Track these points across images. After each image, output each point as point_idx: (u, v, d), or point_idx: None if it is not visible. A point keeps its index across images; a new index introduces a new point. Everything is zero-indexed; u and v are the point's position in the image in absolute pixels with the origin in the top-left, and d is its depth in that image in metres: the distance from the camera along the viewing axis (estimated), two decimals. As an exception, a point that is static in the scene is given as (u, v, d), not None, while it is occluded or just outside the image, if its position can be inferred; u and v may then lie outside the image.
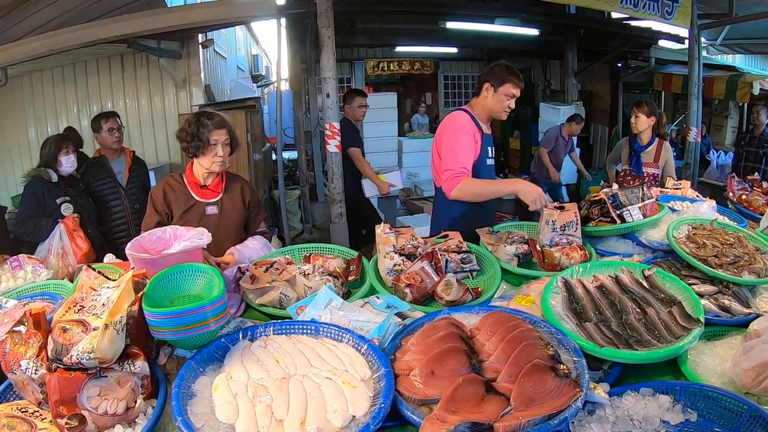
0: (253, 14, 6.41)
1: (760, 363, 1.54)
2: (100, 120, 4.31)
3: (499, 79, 3.12)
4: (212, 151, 2.79)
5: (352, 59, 12.47)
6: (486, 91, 3.17)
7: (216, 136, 2.77)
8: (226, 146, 2.84)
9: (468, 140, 3.09)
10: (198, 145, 2.78)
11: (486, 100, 3.19)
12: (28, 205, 3.67)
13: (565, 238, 2.69)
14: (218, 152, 2.80)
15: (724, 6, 6.98)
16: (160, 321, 1.61)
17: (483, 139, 3.20)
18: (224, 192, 2.97)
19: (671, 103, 11.73)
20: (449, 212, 3.25)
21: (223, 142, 2.81)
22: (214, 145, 2.78)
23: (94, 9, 5.39)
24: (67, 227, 3.68)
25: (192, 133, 2.77)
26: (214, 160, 2.82)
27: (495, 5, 8.88)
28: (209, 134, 2.76)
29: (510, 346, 1.60)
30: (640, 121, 4.62)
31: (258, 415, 1.41)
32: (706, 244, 2.44)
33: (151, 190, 2.91)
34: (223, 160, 2.83)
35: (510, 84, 3.10)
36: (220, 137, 2.79)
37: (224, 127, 2.82)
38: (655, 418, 1.47)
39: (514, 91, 3.12)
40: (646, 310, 1.92)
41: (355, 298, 2.27)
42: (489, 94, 3.16)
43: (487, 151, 3.27)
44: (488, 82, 3.15)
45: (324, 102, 5.36)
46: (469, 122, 3.15)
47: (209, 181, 2.92)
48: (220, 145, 2.79)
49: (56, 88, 6.90)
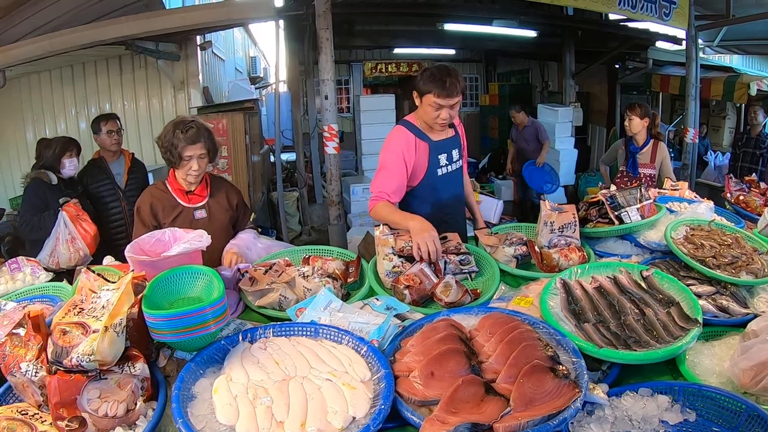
0: (252, 16, 6.42)
1: (758, 363, 1.55)
2: (100, 122, 4.31)
3: (420, 89, 2.81)
4: (186, 166, 2.71)
5: (350, 61, 12.51)
6: (415, 98, 2.88)
7: (189, 151, 2.66)
8: (202, 159, 2.72)
9: (394, 161, 2.86)
10: (170, 158, 2.70)
11: (419, 108, 2.90)
12: (31, 204, 3.67)
13: (563, 240, 2.70)
14: (192, 166, 2.70)
15: (721, 7, 7.00)
16: (160, 323, 1.62)
17: (430, 148, 2.94)
18: (210, 196, 2.91)
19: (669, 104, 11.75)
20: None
21: (198, 156, 2.69)
22: (188, 160, 2.69)
23: (92, 11, 5.39)
24: (69, 213, 3.67)
25: (165, 146, 2.68)
26: (189, 173, 2.73)
27: (493, 7, 8.90)
28: (182, 150, 2.65)
29: (509, 347, 1.61)
30: (634, 123, 4.63)
31: (258, 417, 1.41)
32: (704, 244, 2.45)
33: (137, 202, 2.80)
34: (198, 173, 2.74)
35: (432, 94, 2.73)
36: (195, 152, 2.67)
37: (198, 141, 2.67)
38: (654, 418, 1.48)
39: (440, 101, 2.73)
40: (645, 311, 1.93)
41: (354, 299, 2.28)
42: (417, 102, 2.87)
43: (438, 160, 2.97)
44: (414, 89, 2.86)
45: (322, 104, 5.37)
46: (402, 138, 2.90)
47: (193, 187, 2.85)
48: (194, 159, 2.69)
49: (54, 89, 6.89)
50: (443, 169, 3.01)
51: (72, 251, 3.60)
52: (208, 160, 2.78)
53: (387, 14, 9.45)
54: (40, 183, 3.72)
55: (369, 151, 10.42)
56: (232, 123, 6.20)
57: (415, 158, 2.89)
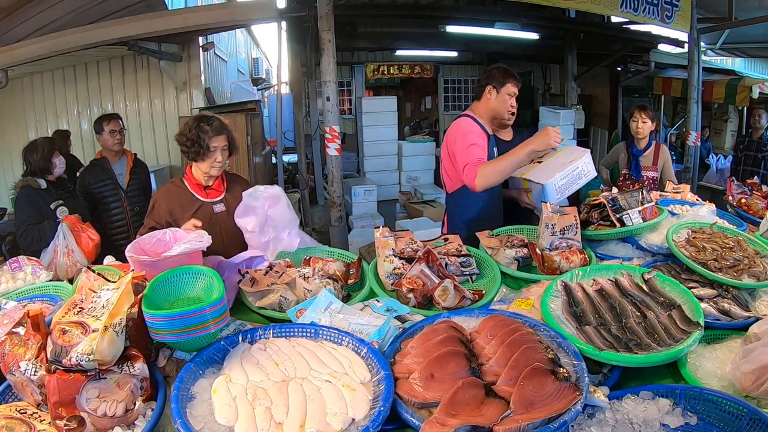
0: (254, 17, 6.44)
1: (759, 366, 1.54)
2: (102, 122, 4.32)
3: (500, 81, 3.21)
4: (211, 157, 2.81)
5: (352, 63, 12.51)
6: (488, 93, 3.24)
7: (215, 142, 2.78)
8: (225, 151, 2.85)
9: (476, 140, 3.13)
10: (198, 150, 2.79)
11: (489, 103, 3.26)
12: (27, 214, 3.63)
13: (564, 242, 2.69)
14: (217, 158, 2.81)
15: (723, 10, 6.99)
16: (160, 323, 1.61)
17: (488, 141, 3.27)
18: (227, 191, 2.99)
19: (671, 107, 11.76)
20: (465, 215, 3.34)
21: (222, 147, 2.82)
22: (213, 151, 2.80)
23: (95, 11, 5.41)
24: (71, 225, 3.67)
25: (192, 139, 2.77)
26: (213, 165, 2.83)
27: (495, 9, 8.90)
28: (209, 141, 2.77)
29: (510, 349, 1.60)
30: (647, 125, 4.62)
31: (257, 418, 1.41)
32: (705, 247, 2.44)
33: (155, 200, 2.86)
34: (221, 165, 2.85)
35: (510, 83, 3.21)
36: (220, 143, 2.80)
37: (223, 133, 2.82)
38: (655, 421, 1.47)
39: (515, 89, 3.24)
40: (646, 314, 1.92)
41: (354, 301, 2.27)
42: (492, 96, 3.24)
43: (493, 152, 3.33)
44: (490, 84, 3.23)
45: (324, 105, 5.37)
46: (475, 125, 3.22)
47: (211, 181, 2.93)
48: (219, 150, 2.81)
49: (57, 89, 6.91)
50: None
51: (69, 264, 3.58)
52: (229, 153, 2.90)
53: (389, 16, 9.46)
54: (29, 190, 3.69)
55: (371, 152, 10.45)
56: (234, 124, 6.12)
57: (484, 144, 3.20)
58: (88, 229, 3.74)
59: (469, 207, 3.30)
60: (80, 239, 3.67)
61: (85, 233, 3.71)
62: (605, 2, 6.34)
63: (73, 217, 3.71)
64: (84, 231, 3.71)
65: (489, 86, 3.23)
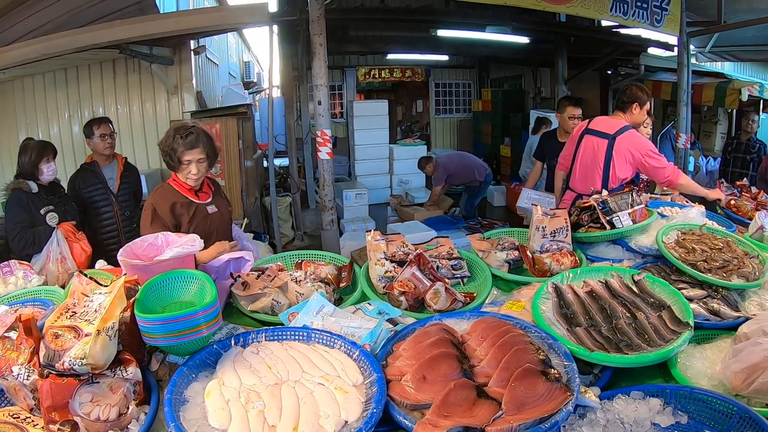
0: (246, 21, 6.43)
1: (749, 365, 1.56)
2: (92, 126, 4.27)
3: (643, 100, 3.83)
4: (185, 170, 2.79)
5: (343, 66, 12.50)
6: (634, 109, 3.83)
7: (188, 156, 2.74)
8: (201, 163, 2.80)
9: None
10: (169, 162, 2.79)
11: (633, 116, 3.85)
12: (18, 218, 3.59)
13: (555, 244, 2.71)
14: (191, 170, 2.78)
15: (713, 14, 7.03)
16: (153, 327, 1.61)
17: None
18: (214, 193, 3.03)
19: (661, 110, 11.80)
20: None
21: (196, 160, 2.77)
22: (187, 165, 2.77)
23: (86, 14, 5.39)
24: (65, 233, 3.65)
25: (165, 150, 2.77)
26: (188, 177, 2.81)
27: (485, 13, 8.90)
28: (181, 155, 2.73)
29: (501, 351, 1.62)
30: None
31: (250, 421, 1.41)
32: (695, 248, 2.46)
33: (153, 204, 2.82)
34: (197, 176, 2.81)
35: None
36: (194, 156, 2.75)
37: (197, 146, 2.75)
38: (646, 421, 1.49)
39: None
40: (636, 315, 1.94)
41: (346, 304, 2.28)
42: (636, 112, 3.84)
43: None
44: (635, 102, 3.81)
45: (316, 109, 5.36)
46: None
47: (198, 185, 2.92)
48: (193, 163, 2.77)
49: (48, 93, 6.85)
50: None
51: (61, 271, 3.55)
52: (208, 164, 2.86)
53: (380, 20, 9.45)
54: (20, 194, 3.65)
55: (362, 156, 10.45)
56: (226, 128, 6.20)
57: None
58: (81, 239, 3.72)
59: None
60: (73, 249, 3.65)
61: (78, 243, 3.69)
62: (595, 6, 6.37)
63: (68, 225, 3.69)
64: (78, 241, 3.70)
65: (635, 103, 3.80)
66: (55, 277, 3.48)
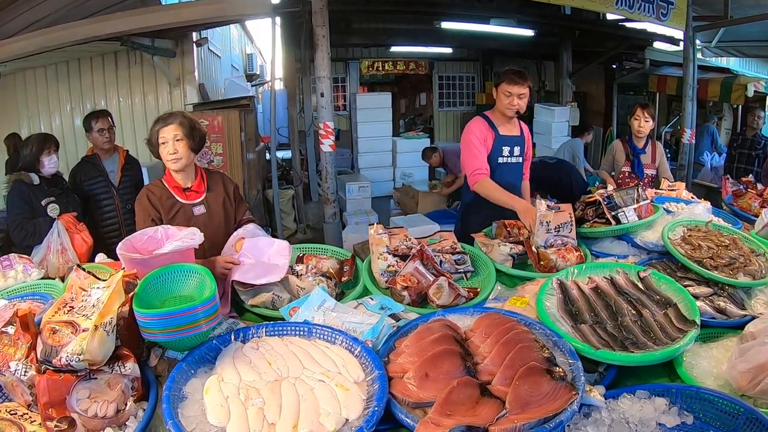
0: (248, 13, 6.40)
1: (756, 365, 1.54)
2: (91, 120, 4.24)
3: (496, 82, 3.53)
4: (164, 150, 2.68)
5: (346, 59, 12.48)
6: (494, 94, 3.56)
7: (164, 134, 2.66)
8: (179, 141, 2.67)
9: (476, 144, 3.47)
10: (151, 148, 2.74)
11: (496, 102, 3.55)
12: (20, 209, 3.59)
13: (560, 240, 2.68)
14: (169, 150, 2.67)
15: (719, 8, 6.99)
16: (151, 322, 1.60)
17: (495, 140, 3.51)
18: (207, 191, 2.87)
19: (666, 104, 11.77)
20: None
21: (173, 138, 2.66)
22: (165, 144, 2.67)
23: (87, 6, 5.36)
24: (66, 224, 3.64)
25: (148, 138, 2.73)
26: (169, 158, 2.69)
27: (490, 6, 8.87)
28: (156, 134, 2.67)
29: (505, 348, 1.59)
30: (649, 124, 4.59)
31: (250, 418, 1.39)
32: (701, 245, 2.44)
33: (137, 199, 2.79)
34: (178, 156, 2.69)
35: (504, 83, 3.44)
36: (168, 134, 2.66)
37: (172, 123, 2.67)
38: (651, 420, 1.47)
39: (509, 89, 3.41)
40: (642, 312, 1.92)
41: (348, 299, 2.26)
42: (495, 95, 3.54)
43: (501, 150, 3.54)
44: (494, 86, 3.56)
45: (318, 101, 5.34)
46: (480, 125, 3.54)
47: (189, 183, 2.82)
48: (170, 142, 2.66)
49: (49, 85, 6.84)
50: (504, 159, 3.55)
51: (62, 262, 3.54)
52: (189, 145, 2.72)
53: (384, 12, 9.42)
54: (22, 185, 3.65)
55: (365, 149, 10.43)
56: (228, 120, 6.17)
57: (486, 143, 3.50)
58: (82, 230, 3.71)
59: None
60: (74, 240, 3.64)
61: (79, 235, 3.68)
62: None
63: (69, 216, 3.68)
64: (78, 232, 3.68)
65: (493, 88, 3.56)
66: (55, 268, 3.48)
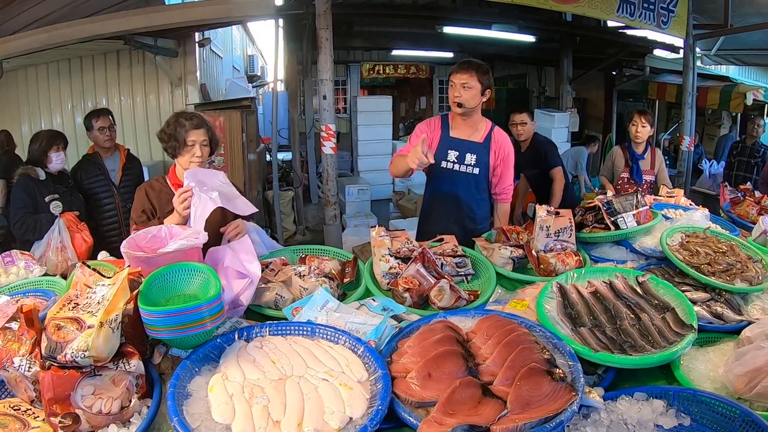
0: (252, 14, 6.42)
1: (752, 369, 1.56)
2: (92, 118, 4.25)
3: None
4: (190, 152, 2.74)
5: (348, 62, 12.52)
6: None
7: (193, 136, 2.72)
8: (205, 147, 2.78)
9: (411, 139, 3.42)
10: (175, 145, 2.75)
11: None
12: (22, 203, 3.61)
13: (559, 244, 2.70)
14: (196, 152, 2.74)
15: (719, 17, 7.03)
16: (156, 320, 1.60)
17: (441, 141, 3.31)
18: None
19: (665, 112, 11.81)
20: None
21: (200, 142, 2.75)
22: (192, 146, 2.73)
23: (91, 4, 5.37)
24: (68, 222, 3.65)
25: (169, 134, 2.74)
26: (192, 160, 2.76)
27: (492, 11, 8.90)
28: (186, 134, 2.71)
29: (506, 349, 1.61)
30: (647, 130, 4.63)
31: (255, 416, 1.40)
32: (699, 251, 2.46)
33: (136, 191, 2.85)
34: (201, 160, 2.77)
35: (452, 74, 3.19)
36: (198, 137, 2.73)
37: (202, 128, 2.76)
38: (649, 422, 1.49)
39: (453, 78, 3.17)
40: (640, 316, 1.94)
41: (350, 300, 2.27)
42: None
43: (446, 153, 3.32)
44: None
45: (320, 103, 5.36)
46: (429, 121, 3.42)
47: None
48: (197, 145, 2.74)
49: (51, 83, 6.86)
50: (448, 164, 3.31)
51: (61, 259, 3.55)
52: (210, 150, 2.82)
53: (386, 16, 9.45)
54: (28, 179, 3.66)
55: (365, 152, 10.46)
56: (229, 121, 6.18)
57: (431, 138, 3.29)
58: (83, 230, 3.73)
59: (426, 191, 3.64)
60: (74, 239, 3.66)
61: (79, 234, 3.70)
62: (602, 6, 6.37)
63: (71, 215, 3.70)
64: (79, 231, 3.71)
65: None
66: (54, 265, 3.49)
